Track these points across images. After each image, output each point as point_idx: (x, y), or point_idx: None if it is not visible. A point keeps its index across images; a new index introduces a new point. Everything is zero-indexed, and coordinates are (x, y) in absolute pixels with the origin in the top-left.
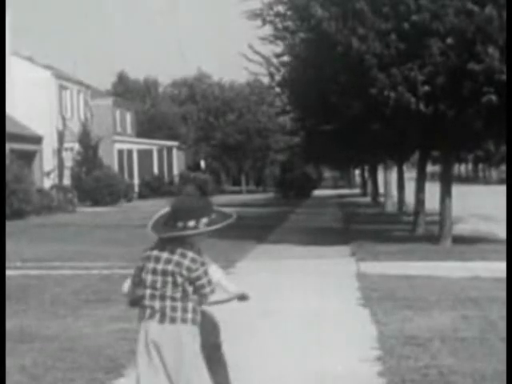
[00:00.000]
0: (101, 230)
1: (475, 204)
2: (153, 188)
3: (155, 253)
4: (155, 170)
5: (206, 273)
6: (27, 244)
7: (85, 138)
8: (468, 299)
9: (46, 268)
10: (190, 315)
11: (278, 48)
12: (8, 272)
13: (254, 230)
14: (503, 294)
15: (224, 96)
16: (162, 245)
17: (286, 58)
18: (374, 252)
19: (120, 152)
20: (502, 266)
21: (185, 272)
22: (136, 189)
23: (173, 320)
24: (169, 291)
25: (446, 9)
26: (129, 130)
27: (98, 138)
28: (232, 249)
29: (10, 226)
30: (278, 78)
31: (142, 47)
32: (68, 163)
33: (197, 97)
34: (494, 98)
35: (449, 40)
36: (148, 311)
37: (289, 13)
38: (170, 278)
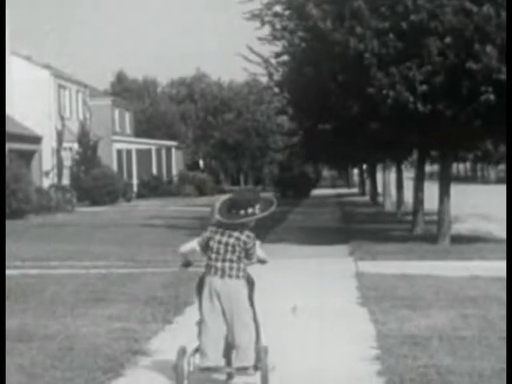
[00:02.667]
0: (99, 230)
1: (474, 203)
2: (151, 188)
3: (220, 230)
4: (154, 169)
5: (255, 245)
6: (26, 243)
7: (84, 138)
8: (467, 298)
9: (44, 267)
10: (242, 273)
11: (277, 48)
12: (7, 271)
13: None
14: (502, 293)
15: (223, 95)
16: (225, 224)
17: (284, 58)
18: (373, 251)
19: (119, 152)
20: (501, 265)
21: (242, 244)
22: (135, 188)
23: (230, 276)
24: (228, 255)
25: (443, 8)
26: (127, 129)
27: (97, 137)
28: None
29: (9, 225)
30: (276, 77)
31: (141, 47)
32: (67, 163)
33: (195, 96)
34: (492, 97)
35: (447, 39)
36: (213, 269)
37: (287, 13)
38: (230, 247)
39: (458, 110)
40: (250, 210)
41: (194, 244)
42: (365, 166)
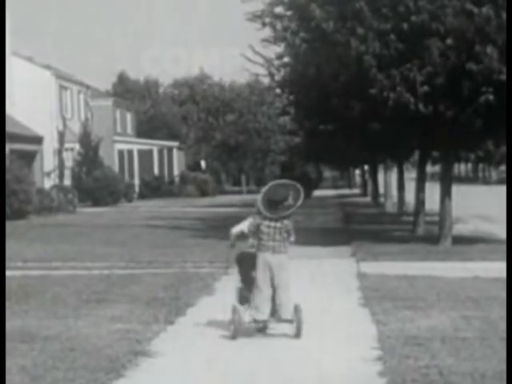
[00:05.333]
0: (101, 231)
1: (475, 204)
2: (153, 188)
3: (268, 217)
4: (155, 170)
5: (293, 228)
6: (28, 244)
7: (85, 139)
8: (468, 299)
9: (46, 268)
10: (287, 249)
11: (279, 48)
12: (8, 272)
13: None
14: (503, 294)
15: (224, 96)
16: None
17: (286, 59)
18: (375, 252)
19: (120, 152)
20: (502, 265)
21: (285, 227)
22: (136, 189)
23: (279, 252)
24: (277, 237)
25: (444, 9)
26: (129, 130)
27: (99, 138)
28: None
29: (11, 226)
30: (277, 78)
31: (142, 47)
32: (68, 163)
33: (197, 97)
34: (492, 97)
35: (448, 40)
36: (265, 247)
37: (288, 13)
38: (278, 230)
39: (458, 111)
40: (286, 203)
41: (243, 227)
42: (366, 167)
